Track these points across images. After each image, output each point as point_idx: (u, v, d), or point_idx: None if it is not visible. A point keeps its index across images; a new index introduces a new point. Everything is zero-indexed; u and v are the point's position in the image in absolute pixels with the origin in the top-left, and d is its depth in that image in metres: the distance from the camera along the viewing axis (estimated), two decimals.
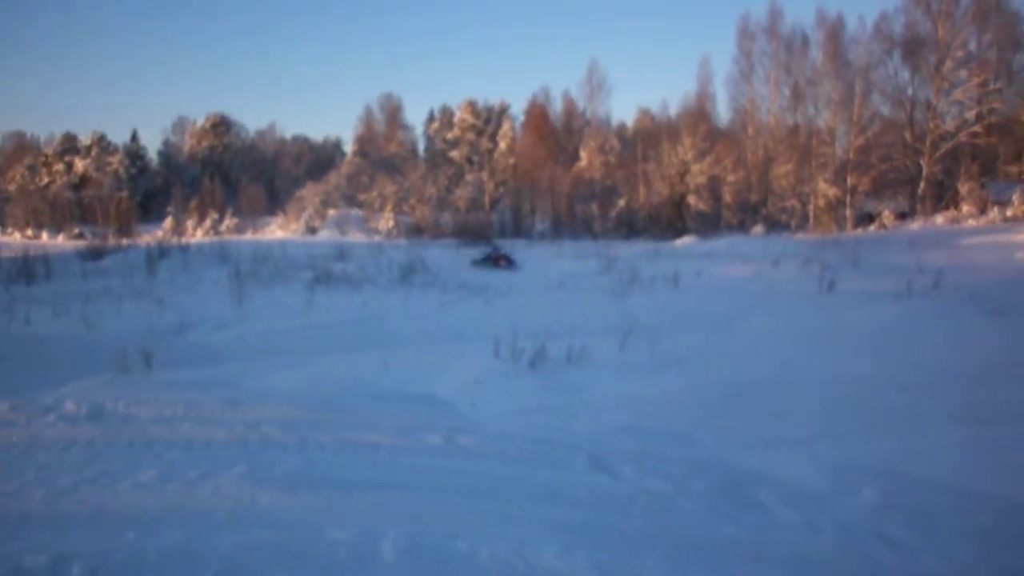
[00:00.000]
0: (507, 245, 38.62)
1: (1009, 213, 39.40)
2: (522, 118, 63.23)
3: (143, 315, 15.75)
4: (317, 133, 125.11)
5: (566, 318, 14.99)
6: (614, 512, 3.26)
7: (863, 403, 9.12)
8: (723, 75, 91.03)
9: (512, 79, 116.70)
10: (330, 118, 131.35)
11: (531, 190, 52.80)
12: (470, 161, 59.16)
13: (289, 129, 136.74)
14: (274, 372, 9.84)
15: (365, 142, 68.30)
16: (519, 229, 49.71)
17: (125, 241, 39.34)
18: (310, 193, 55.89)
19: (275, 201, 63.85)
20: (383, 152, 65.38)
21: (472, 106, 63.40)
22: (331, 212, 53.43)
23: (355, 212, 52.50)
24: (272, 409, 5.18)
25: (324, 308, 16.56)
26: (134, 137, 76.19)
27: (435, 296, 19.01)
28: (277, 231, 52.76)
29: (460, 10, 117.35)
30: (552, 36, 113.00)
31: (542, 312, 16.01)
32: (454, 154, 61.70)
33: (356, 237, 44.94)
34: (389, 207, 50.00)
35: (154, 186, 73.80)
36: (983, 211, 40.65)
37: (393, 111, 71.90)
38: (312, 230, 50.86)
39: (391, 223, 48.56)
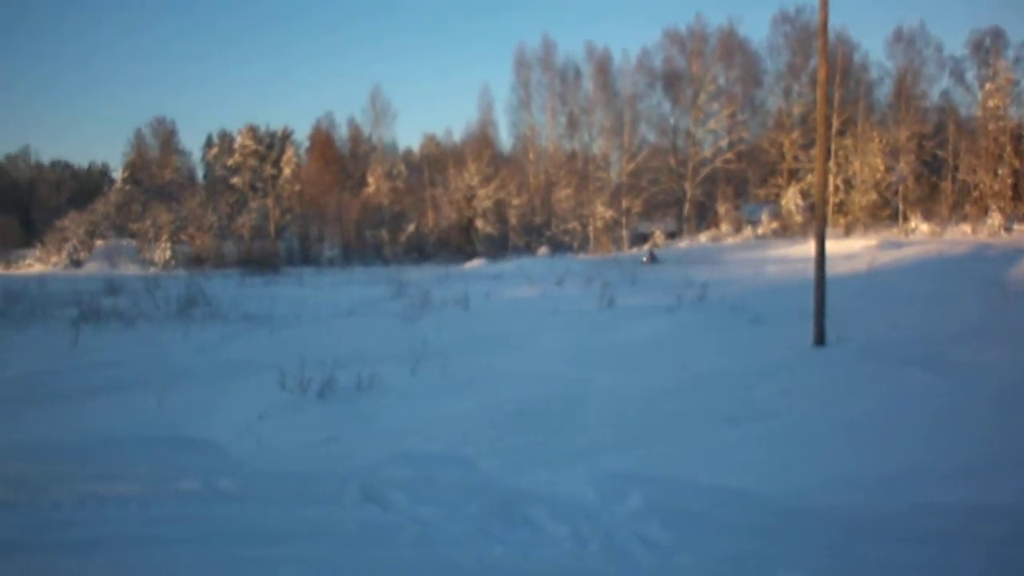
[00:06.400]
0: (295, 273, 37.63)
1: (760, 231, 43.95)
2: (307, 144, 61.93)
3: None
4: (80, 158, 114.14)
5: (357, 345, 14.71)
6: (381, 544, 3.16)
7: (641, 411, 9.66)
8: (504, 102, 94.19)
9: (294, 104, 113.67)
10: (95, 142, 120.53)
11: (319, 216, 51.80)
12: (253, 188, 56.82)
13: (46, 154, 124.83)
14: (31, 423, 8.84)
15: (137, 168, 63.54)
16: (308, 256, 48.52)
17: None
18: (73, 223, 51.00)
19: (32, 232, 57.78)
20: (157, 179, 61.29)
21: (253, 131, 60.98)
22: (99, 243, 49.17)
23: (127, 243, 48.66)
24: None
25: (92, 348, 15.04)
26: None
27: (217, 329, 17.96)
28: (35, 265, 47.69)
29: (235, 33, 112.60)
30: (334, 62, 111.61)
31: (332, 340, 15.61)
32: (236, 180, 58.96)
33: (129, 269, 41.64)
34: (165, 236, 46.88)
35: None
36: (739, 230, 45.05)
37: (167, 136, 67.82)
38: (77, 263, 46.49)
39: (168, 253, 45.59)
